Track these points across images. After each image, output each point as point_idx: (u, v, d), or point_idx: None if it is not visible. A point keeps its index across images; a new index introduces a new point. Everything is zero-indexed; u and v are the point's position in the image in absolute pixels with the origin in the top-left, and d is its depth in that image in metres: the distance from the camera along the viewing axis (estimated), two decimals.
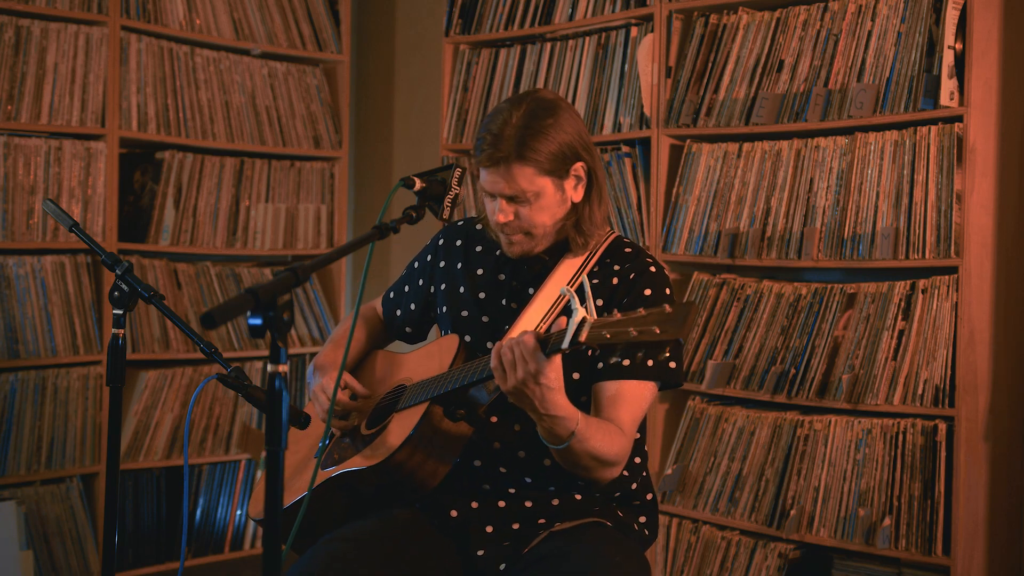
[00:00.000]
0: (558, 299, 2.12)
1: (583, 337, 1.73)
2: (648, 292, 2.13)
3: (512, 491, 2.12)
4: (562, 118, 2.12)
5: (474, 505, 2.12)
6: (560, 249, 2.20)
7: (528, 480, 2.12)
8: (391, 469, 2.04)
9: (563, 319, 1.79)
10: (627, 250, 2.21)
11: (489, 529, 2.10)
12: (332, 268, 4.40)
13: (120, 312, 2.20)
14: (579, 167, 2.14)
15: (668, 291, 2.16)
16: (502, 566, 2.06)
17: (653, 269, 2.16)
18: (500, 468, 2.13)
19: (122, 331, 2.20)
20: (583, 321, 1.74)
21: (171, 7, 3.96)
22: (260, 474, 2.38)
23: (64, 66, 3.72)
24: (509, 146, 2.07)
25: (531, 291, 2.19)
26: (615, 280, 2.15)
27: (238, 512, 4.15)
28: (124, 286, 2.19)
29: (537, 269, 2.21)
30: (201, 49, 4.06)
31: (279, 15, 4.26)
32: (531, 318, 2.11)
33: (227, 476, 4.13)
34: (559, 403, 1.88)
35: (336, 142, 4.41)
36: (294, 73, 4.32)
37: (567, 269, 2.17)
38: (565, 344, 1.76)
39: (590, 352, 2.05)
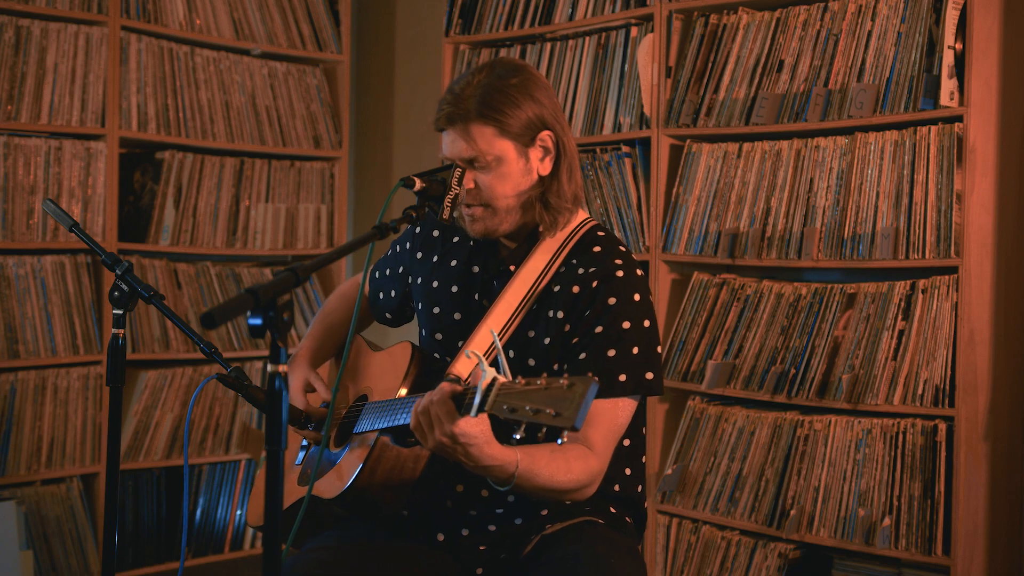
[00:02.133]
0: (522, 302, 2.03)
1: (487, 407, 1.66)
2: (613, 301, 1.99)
3: (499, 512, 2.06)
4: (529, 82, 2.01)
5: (464, 532, 2.06)
6: (530, 237, 2.09)
7: (511, 499, 2.04)
8: (350, 500, 1.99)
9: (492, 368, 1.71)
10: (596, 248, 2.06)
11: (482, 548, 2.05)
12: (332, 268, 4.40)
13: (120, 312, 2.20)
14: (546, 136, 2.02)
15: (638, 297, 2.01)
16: None
17: (620, 273, 2.01)
18: (482, 492, 2.05)
19: (122, 331, 2.20)
20: (491, 385, 1.67)
21: (171, 7, 3.96)
22: (259, 474, 2.38)
23: (64, 66, 3.72)
24: (469, 104, 1.97)
25: (498, 286, 2.09)
26: (576, 288, 2.01)
27: (238, 512, 4.15)
28: (124, 286, 2.19)
29: (504, 255, 2.10)
30: (201, 49, 4.06)
31: (279, 15, 4.26)
32: (494, 322, 2.02)
33: (227, 476, 4.13)
34: (487, 454, 1.80)
35: (336, 142, 4.41)
36: (294, 73, 4.32)
37: (534, 266, 2.05)
38: (473, 412, 1.69)
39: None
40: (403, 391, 2.04)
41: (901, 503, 2.86)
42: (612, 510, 2.10)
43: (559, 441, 1.61)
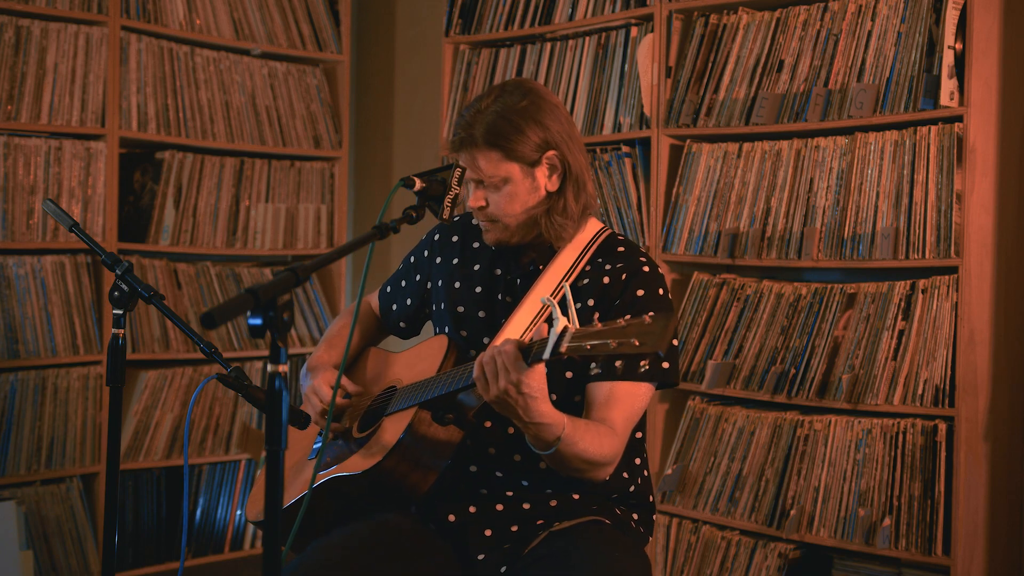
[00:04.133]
0: (552, 295, 2.10)
1: (563, 348, 1.72)
2: (641, 293, 2.10)
3: (509, 494, 2.11)
4: (535, 107, 2.10)
5: (472, 510, 2.10)
6: (550, 243, 2.17)
7: (525, 483, 2.11)
8: (381, 475, 2.02)
9: (546, 326, 1.77)
10: (620, 249, 2.17)
11: (488, 532, 2.08)
12: (332, 268, 4.40)
13: (120, 312, 2.20)
14: (552, 155, 2.11)
15: (661, 291, 2.12)
16: (503, 568, 2.05)
17: (646, 269, 2.13)
18: (496, 472, 2.11)
19: (122, 331, 2.20)
20: (564, 331, 1.73)
21: (171, 7, 3.96)
22: (259, 474, 2.39)
23: (64, 66, 3.72)
24: (477, 131, 2.07)
25: (522, 284, 2.17)
26: (606, 279, 2.12)
27: (238, 512, 4.15)
28: (124, 286, 2.19)
29: (532, 258, 2.18)
30: (201, 49, 4.06)
31: (279, 15, 4.26)
32: (522, 318, 2.09)
33: (227, 476, 4.13)
34: (543, 411, 1.87)
35: (336, 142, 4.41)
36: (294, 73, 4.32)
37: (560, 266, 2.14)
38: (546, 355, 1.74)
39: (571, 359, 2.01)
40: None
41: (901, 503, 2.86)
42: (618, 511, 2.13)
43: (641, 369, 1.69)
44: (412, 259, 2.40)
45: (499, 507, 2.10)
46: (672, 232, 3.36)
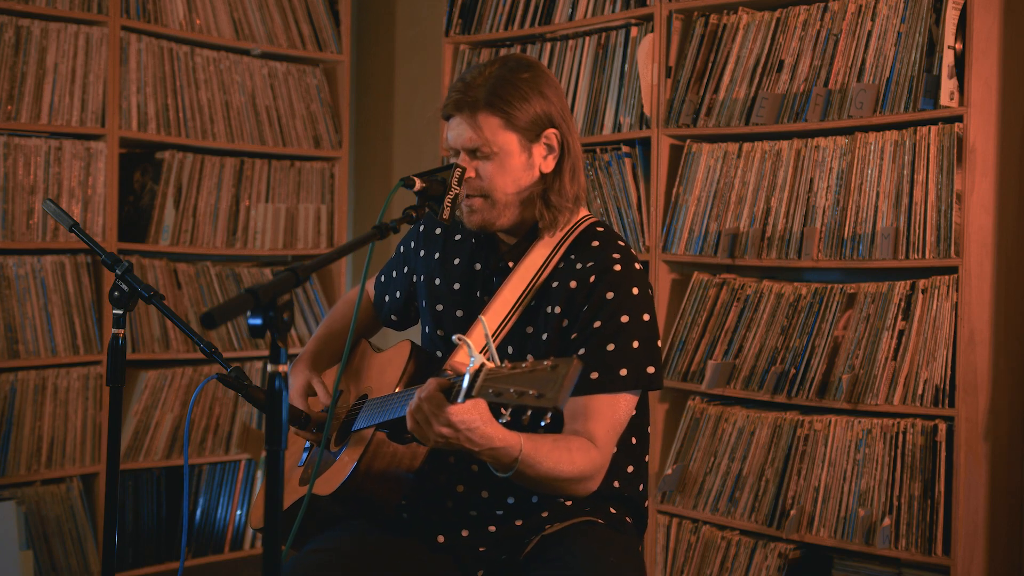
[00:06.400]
0: (519, 298, 2.03)
1: (475, 391, 1.66)
2: (611, 295, 1.99)
3: (499, 513, 2.05)
4: (540, 79, 2.03)
5: (464, 533, 2.05)
6: (529, 233, 2.09)
7: (511, 500, 2.05)
8: (346, 497, 1.99)
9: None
10: (594, 243, 2.06)
11: (482, 549, 2.05)
12: (332, 268, 4.40)
13: (120, 312, 2.20)
14: (551, 134, 2.03)
15: (636, 291, 2.01)
16: None
17: (618, 268, 2.01)
18: (482, 492, 2.05)
19: (122, 331, 2.20)
20: (479, 371, 1.66)
21: (171, 7, 3.96)
22: (260, 485, 2.38)
23: (64, 66, 3.72)
24: (479, 93, 1.99)
25: (496, 283, 2.09)
26: (573, 283, 2.01)
27: (238, 512, 4.15)
28: (124, 286, 2.19)
29: (504, 251, 2.11)
30: (201, 49, 4.06)
31: (279, 15, 4.26)
32: (490, 317, 2.03)
33: (227, 476, 4.13)
34: (489, 435, 1.79)
35: (336, 142, 4.41)
36: (294, 73, 4.32)
37: (532, 262, 2.05)
38: (460, 398, 1.69)
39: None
40: (399, 388, 2.05)
41: (901, 503, 2.86)
42: (612, 511, 2.09)
43: (542, 424, 1.62)
44: (402, 248, 2.32)
45: (491, 528, 2.05)
46: (672, 232, 3.36)
